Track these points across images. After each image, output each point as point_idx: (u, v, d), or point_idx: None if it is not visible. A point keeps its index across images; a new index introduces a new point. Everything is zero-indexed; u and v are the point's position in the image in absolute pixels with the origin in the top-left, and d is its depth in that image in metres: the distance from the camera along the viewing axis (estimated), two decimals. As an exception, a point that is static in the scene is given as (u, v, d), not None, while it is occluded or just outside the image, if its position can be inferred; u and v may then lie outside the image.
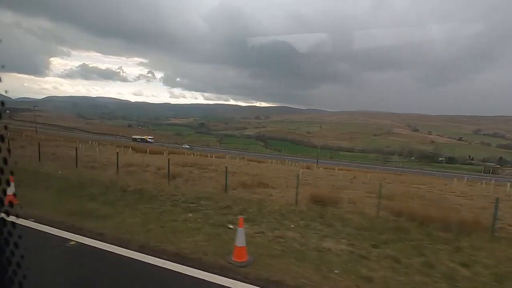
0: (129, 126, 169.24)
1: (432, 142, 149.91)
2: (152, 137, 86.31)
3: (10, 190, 5.25)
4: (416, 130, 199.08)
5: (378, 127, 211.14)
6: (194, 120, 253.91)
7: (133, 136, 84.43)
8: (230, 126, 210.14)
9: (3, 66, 0.67)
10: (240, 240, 4.12)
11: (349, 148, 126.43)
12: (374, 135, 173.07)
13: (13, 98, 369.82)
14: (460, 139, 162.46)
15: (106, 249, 4.25)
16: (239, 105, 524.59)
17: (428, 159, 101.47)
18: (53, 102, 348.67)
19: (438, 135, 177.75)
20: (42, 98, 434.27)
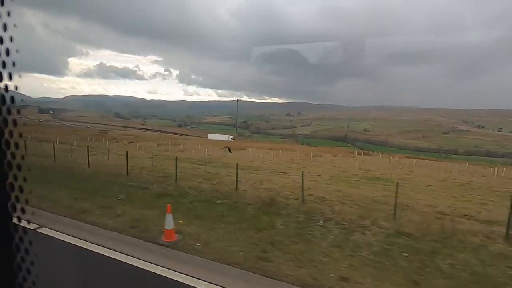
0: (179, 126, 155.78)
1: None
2: None
3: (168, 224, 5.16)
4: (480, 127, 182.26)
5: (436, 124, 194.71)
6: (228, 118, 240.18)
7: None
8: (275, 125, 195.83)
9: (20, 76, 0.71)
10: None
11: (452, 150, 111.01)
12: (444, 133, 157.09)
13: (33, 97, 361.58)
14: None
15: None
16: (256, 102, 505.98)
17: None
18: (75, 102, 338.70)
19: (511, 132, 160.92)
20: (62, 98, 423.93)
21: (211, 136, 72.42)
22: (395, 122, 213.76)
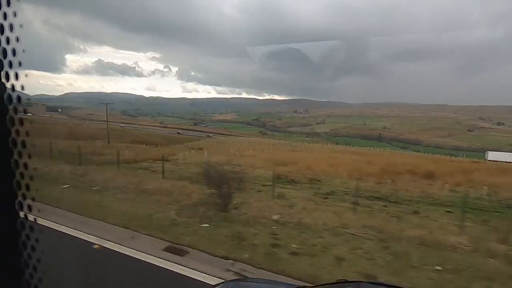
0: (195, 124, 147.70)
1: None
2: None
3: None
4: (501, 123, 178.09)
5: (454, 121, 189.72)
6: (238, 115, 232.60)
7: None
8: (291, 122, 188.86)
9: (26, 75, 0.73)
10: None
11: (497, 150, 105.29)
12: (469, 131, 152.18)
13: (31, 95, 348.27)
14: None
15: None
16: (256, 99, 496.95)
17: None
18: (74, 99, 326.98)
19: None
20: (60, 95, 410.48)
21: (494, 156, 46.56)
22: (410, 119, 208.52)
